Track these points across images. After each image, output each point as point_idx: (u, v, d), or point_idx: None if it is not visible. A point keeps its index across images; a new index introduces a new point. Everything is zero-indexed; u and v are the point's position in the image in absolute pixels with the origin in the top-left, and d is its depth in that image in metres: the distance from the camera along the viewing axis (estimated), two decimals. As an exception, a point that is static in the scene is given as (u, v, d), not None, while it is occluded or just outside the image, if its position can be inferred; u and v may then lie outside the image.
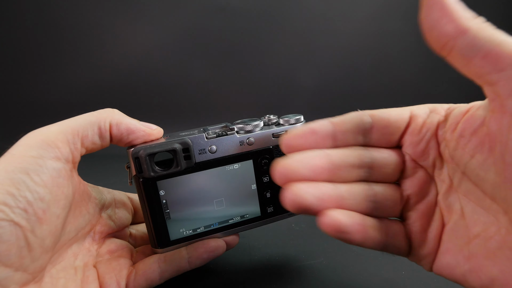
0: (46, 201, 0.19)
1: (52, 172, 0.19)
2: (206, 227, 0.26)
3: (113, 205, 0.27)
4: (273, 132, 0.26)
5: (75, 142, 0.21)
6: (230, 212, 0.27)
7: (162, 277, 0.25)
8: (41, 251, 0.19)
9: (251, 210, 0.27)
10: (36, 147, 0.19)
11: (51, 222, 0.19)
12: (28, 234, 0.18)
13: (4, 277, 0.17)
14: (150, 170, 0.23)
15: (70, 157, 0.21)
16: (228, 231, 0.27)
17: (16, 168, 0.18)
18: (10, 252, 0.17)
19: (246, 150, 0.26)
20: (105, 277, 0.23)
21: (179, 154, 0.24)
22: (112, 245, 0.26)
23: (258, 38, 0.98)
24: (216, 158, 0.25)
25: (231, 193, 0.26)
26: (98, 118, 0.22)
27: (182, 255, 0.25)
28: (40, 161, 0.19)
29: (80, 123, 0.22)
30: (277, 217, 0.28)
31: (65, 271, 0.22)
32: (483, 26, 0.16)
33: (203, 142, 0.25)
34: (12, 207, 0.17)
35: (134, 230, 0.29)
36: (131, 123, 0.23)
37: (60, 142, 0.20)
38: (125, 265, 0.24)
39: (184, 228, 0.26)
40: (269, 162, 0.27)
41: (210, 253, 0.26)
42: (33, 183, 0.18)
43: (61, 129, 0.21)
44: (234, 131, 0.26)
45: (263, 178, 0.27)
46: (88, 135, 0.22)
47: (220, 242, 0.26)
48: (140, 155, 0.23)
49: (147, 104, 0.92)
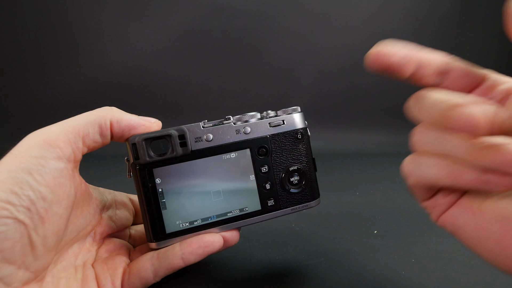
0: (48, 201, 0.19)
1: (54, 172, 0.19)
2: (204, 220, 0.25)
3: (114, 206, 0.27)
4: (269, 121, 0.26)
5: (76, 141, 0.21)
6: (229, 205, 0.26)
7: (156, 275, 0.24)
8: (43, 250, 0.19)
9: (251, 203, 0.26)
10: (38, 147, 0.19)
11: (54, 222, 0.19)
12: (32, 232, 0.18)
13: (8, 274, 0.17)
14: (146, 155, 0.24)
15: (72, 157, 0.21)
16: (227, 225, 0.26)
17: (19, 167, 0.18)
18: (14, 249, 0.17)
19: (243, 138, 0.26)
20: (101, 277, 0.23)
21: (174, 140, 0.24)
22: (111, 245, 0.26)
23: (258, 38, 0.98)
24: (212, 146, 0.25)
25: (229, 184, 0.26)
26: (98, 117, 0.23)
27: (175, 251, 0.24)
28: (42, 161, 0.19)
29: (81, 122, 0.22)
30: (279, 212, 0.27)
31: (66, 271, 0.22)
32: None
33: (199, 131, 0.25)
34: (16, 206, 0.17)
35: (134, 230, 0.29)
36: (131, 119, 0.24)
37: (62, 142, 0.20)
38: (120, 264, 0.24)
39: (181, 220, 0.25)
40: (266, 151, 0.26)
41: (205, 248, 0.24)
42: (36, 183, 0.18)
43: (62, 129, 0.21)
44: (230, 120, 0.26)
45: (261, 168, 0.26)
46: (89, 134, 0.22)
47: (216, 237, 0.25)
48: (137, 141, 0.23)
49: (147, 104, 0.92)
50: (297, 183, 0.27)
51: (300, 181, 0.27)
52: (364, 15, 1.01)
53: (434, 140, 0.16)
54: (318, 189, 0.29)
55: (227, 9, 0.94)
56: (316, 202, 0.28)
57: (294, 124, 0.27)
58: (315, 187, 0.28)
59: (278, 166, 0.27)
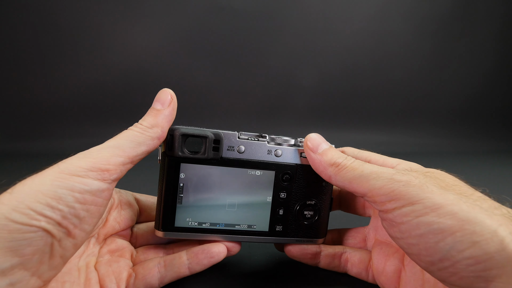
0: (80, 218, 0.19)
1: (96, 192, 0.20)
2: (212, 225, 0.26)
3: (119, 207, 0.27)
4: (301, 151, 0.27)
5: (125, 163, 0.21)
6: (239, 218, 0.26)
7: (162, 282, 0.25)
8: (59, 261, 0.19)
9: (260, 223, 0.27)
10: (87, 169, 0.20)
11: (79, 237, 0.19)
12: (55, 243, 0.18)
13: (20, 280, 0.17)
14: (179, 149, 0.24)
15: (118, 177, 0.21)
16: (232, 236, 0.26)
17: (63, 184, 0.18)
18: (33, 256, 0.17)
19: (272, 160, 0.26)
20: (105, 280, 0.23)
21: (209, 142, 0.25)
22: (113, 245, 0.26)
23: (258, 38, 0.98)
24: (241, 159, 0.26)
25: (246, 198, 0.26)
26: (145, 137, 0.23)
27: (182, 261, 0.25)
28: (88, 181, 0.19)
29: (129, 145, 0.22)
30: (283, 239, 0.27)
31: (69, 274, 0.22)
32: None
33: (234, 140, 0.25)
34: (47, 217, 0.18)
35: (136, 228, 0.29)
36: (166, 115, 0.24)
37: (112, 166, 0.21)
38: (124, 267, 0.24)
39: (191, 219, 0.26)
40: (290, 178, 0.26)
41: (211, 258, 0.25)
42: (74, 200, 0.19)
43: (114, 152, 0.21)
44: (265, 139, 0.26)
45: (280, 194, 0.27)
46: (138, 154, 0.22)
47: (222, 248, 0.26)
48: (175, 133, 0.24)
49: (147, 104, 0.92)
50: (309, 218, 0.27)
51: (313, 216, 0.27)
52: (364, 15, 1.02)
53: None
54: (326, 228, 0.29)
55: (227, 9, 0.94)
56: (321, 240, 0.28)
57: None
58: (324, 226, 0.28)
59: (297, 196, 0.27)
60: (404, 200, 0.19)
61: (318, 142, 0.25)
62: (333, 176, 0.23)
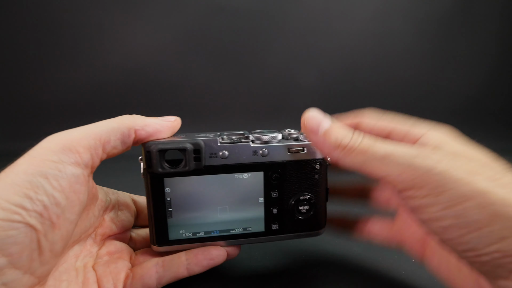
0: (61, 207, 0.19)
1: (71, 178, 0.19)
2: (206, 233, 0.26)
3: (116, 207, 0.27)
4: (289, 146, 0.25)
5: (96, 147, 0.21)
6: (233, 222, 0.26)
7: (160, 282, 0.24)
8: (50, 256, 0.19)
9: (255, 224, 0.26)
10: (57, 151, 0.19)
11: (64, 227, 0.19)
12: (41, 238, 0.18)
13: (13, 280, 0.17)
14: (159, 166, 0.23)
15: (90, 163, 0.21)
16: (229, 241, 0.26)
17: (36, 171, 0.18)
18: (22, 254, 0.17)
19: (259, 161, 0.25)
20: (103, 280, 0.23)
21: (189, 154, 0.23)
22: (111, 247, 0.26)
23: (258, 38, 0.98)
24: (226, 164, 0.24)
25: (237, 203, 0.25)
26: (121, 124, 0.22)
27: (181, 261, 0.25)
28: (60, 166, 0.19)
29: (103, 129, 0.22)
30: (281, 236, 0.27)
31: (67, 273, 0.22)
32: None
33: (216, 146, 0.24)
34: (28, 210, 0.17)
35: (135, 234, 0.29)
36: (156, 123, 0.24)
37: (82, 148, 0.20)
38: (123, 268, 0.24)
39: (184, 230, 0.25)
40: (280, 176, 0.26)
41: (210, 260, 0.25)
42: (51, 188, 0.18)
43: (83, 134, 0.21)
44: (249, 139, 0.25)
45: (272, 193, 0.26)
46: (110, 141, 0.22)
47: (221, 251, 0.25)
48: (152, 149, 0.23)
49: (147, 104, 0.92)
50: (305, 212, 0.27)
51: (309, 211, 0.27)
52: (364, 15, 1.01)
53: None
54: (325, 218, 0.28)
55: (227, 9, 0.94)
56: (322, 231, 0.28)
57: (314, 154, 0.26)
58: (322, 217, 0.28)
59: (289, 193, 0.26)
60: (427, 190, 0.17)
61: (317, 121, 0.22)
62: (341, 160, 0.21)
